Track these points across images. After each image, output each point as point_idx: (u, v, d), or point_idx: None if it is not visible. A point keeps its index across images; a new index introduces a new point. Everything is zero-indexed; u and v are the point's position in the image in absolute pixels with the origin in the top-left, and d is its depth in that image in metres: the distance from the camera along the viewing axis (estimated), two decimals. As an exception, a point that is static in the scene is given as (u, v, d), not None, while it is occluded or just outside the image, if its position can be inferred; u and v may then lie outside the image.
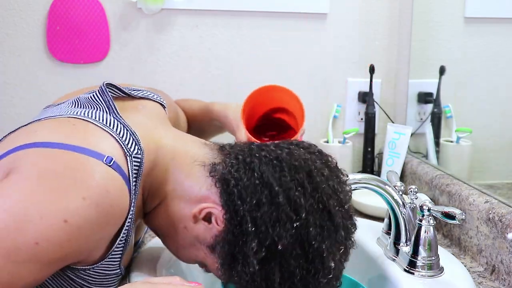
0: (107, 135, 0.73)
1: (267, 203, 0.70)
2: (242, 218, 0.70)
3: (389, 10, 1.45)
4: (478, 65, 1.28)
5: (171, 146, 0.80)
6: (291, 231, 0.69)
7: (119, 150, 0.72)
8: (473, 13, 1.30)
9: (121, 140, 0.73)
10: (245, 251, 0.70)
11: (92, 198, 0.65)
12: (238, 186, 0.72)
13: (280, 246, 0.68)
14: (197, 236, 0.76)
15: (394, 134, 1.35)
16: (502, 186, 1.13)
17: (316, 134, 1.47)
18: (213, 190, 0.74)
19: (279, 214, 0.69)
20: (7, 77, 1.37)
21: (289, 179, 0.71)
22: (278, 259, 0.69)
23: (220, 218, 0.73)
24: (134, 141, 0.75)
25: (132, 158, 0.73)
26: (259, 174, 0.72)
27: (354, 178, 0.86)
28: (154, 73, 1.41)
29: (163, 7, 1.37)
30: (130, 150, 0.73)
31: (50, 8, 1.34)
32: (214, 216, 0.74)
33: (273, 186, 0.70)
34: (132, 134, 0.76)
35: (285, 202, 0.70)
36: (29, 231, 0.62)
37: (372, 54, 1.46)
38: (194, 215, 0.75)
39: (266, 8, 1.41)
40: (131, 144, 0.74)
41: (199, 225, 0.75)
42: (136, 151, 0.74)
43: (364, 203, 1.20)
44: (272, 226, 0.69)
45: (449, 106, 1.32)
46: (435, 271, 0.84)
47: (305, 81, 1.45)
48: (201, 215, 0.75)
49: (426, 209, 0.83)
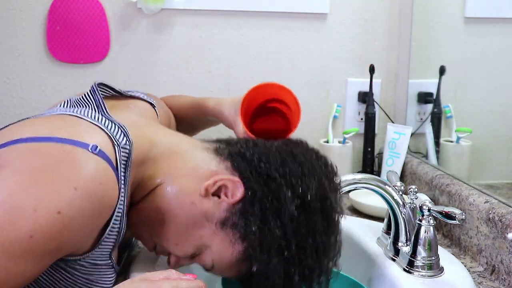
0: (95, 127, 0.74)
1: (290, 162, 0.77)
2: (268, 177, 0.75)
3: (389, 10, 1.45)
4: (478, 65, 1.28)
5: (167, 139, 0.82)
6: (315, 184, 0.76)
7: (107, 140, 0.72)
8: (473, 13, 1.30)
9: (109, 132, 0.74)
10: (278, 206, 0.74)
11: (84, 189, 0.66)
12: (254, 155, 0.77)
13: (309, 197, 0.75)
14: (206, 212, 0.76)
15: (394, 134, 1.35)
16: (502, 186, 1.13)
17: (316, 134, 1.47)
18: (221, 167, 0.77)
19: (303, 168, 0.77)
20: (7, 77, 1.37)
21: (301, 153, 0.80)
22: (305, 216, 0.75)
23: (235, 190, 0.75)
24: (122, 132, 0.75)
25: (121, 149, 0.73)
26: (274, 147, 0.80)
27: (354, 178, 0.86)
28: (154, 73, 1.41)
29: (163, 7, 1.36)
30: (119, 140, 0.74)
31: (50, 8, 1.34)
32: (226, 188, 0.75)
33: (292, 151, 0.79)
34: (121, 127, 0.76)
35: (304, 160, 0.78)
36: (23, 225, 0.62)
37: (372, 54, 1.46)
38: (206, 188, 0.75)
39: (266, 8, 1.41)
40: (119, 135, 0.74)
41: (208, 200, 0.76)
42: (125, 142, 0.74)
43: (364, 203, 1.20)
44: (300, 179, 0.75)
45: (449, 106, 1.32)
46: (435, 271, 0.84)
47: (305, 81, 1.45)
48: (214, 188, 0.75)
49: (426, 209, 0.83)
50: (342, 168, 1.35)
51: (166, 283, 0.64)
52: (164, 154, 0.79)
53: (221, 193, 0.76)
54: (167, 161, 0.79)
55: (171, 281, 0.65)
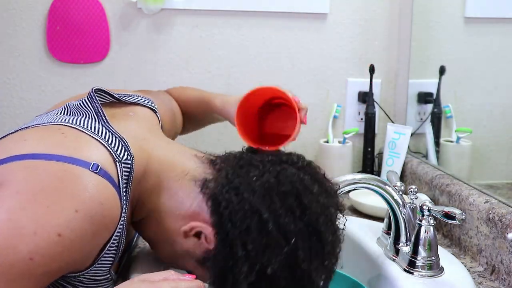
0: (95, 142, 0.73)
1: (257, 230, 0.70)
2: (232, 241, 0.71)
3: (389, 10, 1.45)
4: (478, 65, 1.28)
5: (162, 156, 0.80)
6: (281, 256, 0.70)
7: (107, 156, 0.72)
8: (473, 13, 1.30)
9: (110, 147, 0.73)
10: (235, 273, 0.70)
11: (85, 210, 0.65)
12: (227, 209, 0.72)
13: (270, 271, 0.69)
14: (187, 250, 0.77)
15: (394, 134, 1.35)
16: (502, 186, 1.13)
17: (316, 134, 1.47)
18: (203, 207, 0.75)
19: (269, 241, 0.70)
20: (7, 77, 1.37)
21: (278, 205, 0.71)
22: (268, 281, 0.70)
23: (210, 238, 0.74)
24: (123, 147, 0.75)
25: (122, 164, 0.73)
26: (248, 200, 0.72)
27: (354, 178, 0.86)
28: (154, 73, 1.41)
29: (163, 7, 1.36)
30: (120, 156, 0.73)
31: (50, 8, 1.34)
32: (204, 234, 0.75)
33: (262, 214, 0.71)
34: (121, 140, 0.75)
35: (274, 229, 0.70)
36: (23, 248, 0.61)
37: (372, 54, 1.46)
38: (185, 232, 0.76)
39: (266, 8, 1.41)
40: (120, 150, 0.74)
41: (189, 240, 0.76)
42: (126, 157, 0.74)
43: (364, 203, 1.20)
44: (262, 252, 0.69)
45: (449, 106, 1.32)
46: (435, 271, 0.84)
47: (305, 81, 1.45)
48: (191, 233, 0.76)
49: (426, 209, 0.83)
50: (342, 168, 1.37)
51: (165, 283, 0.65)
52: (159, 176, 0.78)
53: (202, 235, 0.75)
54: (158, 190, 0.78)
55: (170, 282, 0.65)
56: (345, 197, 1.29)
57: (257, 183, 0.74)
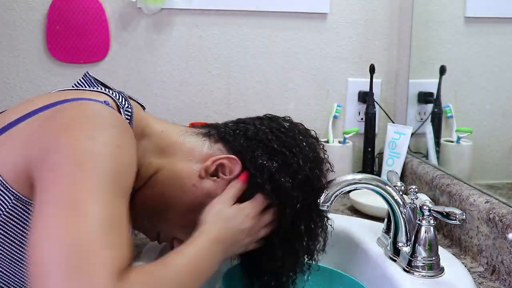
0: (97, 93, 0.76)
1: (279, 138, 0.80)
2: (261, 147, 0.79)
3: (389, 10, 1.45)
4: (479, 65, 1.28)
5: (159, 123, 0.83)
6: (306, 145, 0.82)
7: (111, 101, 0.75)
8: (473, 12, 1.30)
9: (111, 95, 0.76)
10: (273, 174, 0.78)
11: (118, 125, 0.68)
12: (243, 134, 0.81)
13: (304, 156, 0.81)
14: (208, 191, 0.79)
15: (394, 134, 1.34)
16: (503, 186, 1.13)
17: (316, 134, 1.47)
18: (215, 148, 0.81)
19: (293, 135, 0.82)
20: (7, 77, 1.37)
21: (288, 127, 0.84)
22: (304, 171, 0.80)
23: (233, 166, 0.79)
24: (123, 97, 0.78)
25: (125, 111, 0.76)
26: (261, 123, 0.83)
27: (354, 178, 0.86)
28: (154, 73, 1.41)
29: (163, 6, 1.36)
30: (122, 103, 0.76)
31: (49, 8, 1.34)
32: (224, 167, 0.79)
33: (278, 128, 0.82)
34: (121, 93, 0.79)
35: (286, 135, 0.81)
36: (106, 165, 0.62)
37: (372, 54, 1.46)
38: (206, 169, 0.79)
39: (266, 8, 1.41)
40: (120, 98, 0.77)
41: (207, 181, 0.79)
42: (127, 105, 0.77)
43: (364, 203, 1.20)
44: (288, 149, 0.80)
45: (449, 106, 1.32)
46: (435, 271, 0.84)
47: (305, 81, 1.45)
48: (212, 168, 0.79)
49: (427, 209, 0.83)
50: (342, 168, 1.36)
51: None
52: (158, 138, 0.81)
53: (219, 172, 0.79)
54: (162, 146, 0.81)
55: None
56: (345, 197, 1.29)
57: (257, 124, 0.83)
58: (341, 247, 1.03)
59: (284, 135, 0.82)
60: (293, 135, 0.82)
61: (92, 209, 0.58)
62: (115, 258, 0.56)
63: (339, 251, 1.04)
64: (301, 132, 0.85)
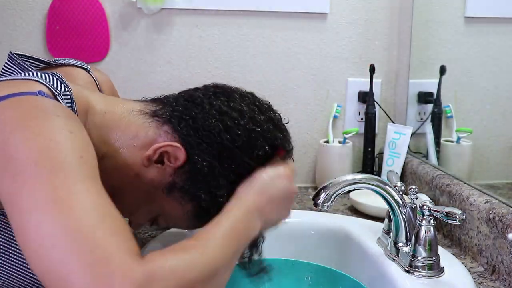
0: (31, 81, 0.70)
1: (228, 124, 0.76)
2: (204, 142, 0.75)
3: (389, 10, 1.45)
4: (479, 65, 1.28)
5: (102, 102, 0.78)
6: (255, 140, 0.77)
7: (47, 90, 0.69)
8: (473, 12, 1.30)
9: (45, 82, 0.70)
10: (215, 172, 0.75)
11: (62, 113, 0.65)
12: (191, 118, 0.76)
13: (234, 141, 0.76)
14: (152, 180, 0.76)
15: (394, 134, 1.34)
16: (503, 186, 1.13)
17: (316, 134, 1.47)
18: (161, 131, 0.76)
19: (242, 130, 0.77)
20: (6, 77, 1.37)
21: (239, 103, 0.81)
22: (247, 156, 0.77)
23: (177, 154, 0.74)
24: (58, 79, 0.73)
25: (62, 96, 0.71)
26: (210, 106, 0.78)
27: (354, 178, 0.86)
28: (154, 73, 1.41)
29: (163, 6, 1.36)
30: (58, 89, 0.71)
31: (49, 8, 1.34)
32: (168, 154, 0.75)
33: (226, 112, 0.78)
34: (54, 74, 0.73)
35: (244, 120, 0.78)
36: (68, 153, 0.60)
37: (372, 54, 1.46)
38: (148, 157, 0.75)
39: (266, 8, 1.41)
40: (56, 83, 0.72)
41: (152, 169, 0.75)
42: (64, 89, 0.72)
43: (364, 203, 1.20)
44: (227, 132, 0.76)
45: (449, 106, 1.32)
46: (435, 271, 0.84)
47: (305, 81, 1.45)
48: (155, 157, 0.75)
49: (427, 209, 0.83)
50: (342, 168, 1.37)
51: None
52: (101, 121, 0.76)
53: (164, 159, 0.75)
54: (105, 130, 0.76)
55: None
56: (345, 197, 1.29)
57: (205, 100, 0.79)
58: (341, 247, 1.03)
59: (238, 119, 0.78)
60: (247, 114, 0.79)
61: (77, 202, 0.56)
62: (125, 241, 0.55)
63: (339, 251, 1.04)
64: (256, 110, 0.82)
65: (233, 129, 0.76)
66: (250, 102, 0.82)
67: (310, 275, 1.06)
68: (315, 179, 1.46)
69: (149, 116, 0.77)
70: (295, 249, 1.06)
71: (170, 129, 0.76)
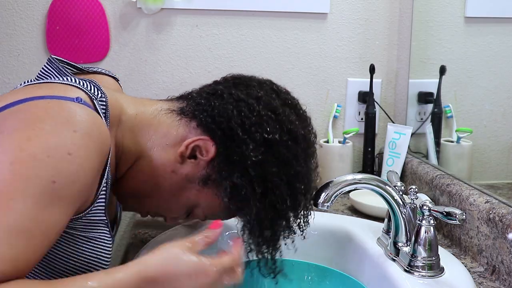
0: (70, 86, 0.74)
1: (248, 111, 0.79)
2: (232, 131, 0.78)
3: (389, 10, 1.45)
4: (479, 65, 1.28)
5: (132, 105, 0.82)
6: (275, 124, 0.79)
7: (84, 95, 0.73)
8: (473, 12, 1.30)
9: (83, 87, 0.74)
10: (244, 157, 0.77)
11: (82, 130, 0.67)
12: (215, 110, 0.79)
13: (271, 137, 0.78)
14: (187, 175, 0.79)
15: (394, 134, 1.34)
16: (503, 186, 1.13)
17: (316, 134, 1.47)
18: (190, 127, 0.80)
19: (261, 116, 0.79)
20: (7, 77, 1.37)
21: (257, 90, 0.83)
22: (273, 150, 0.79)
23: (207, 147, 0.78)
24: (95, 86, 0.76)
25: (99, 101, 0.74)
26: (230, 96, 0.81)
27: (354, 178, 0.86)
28: (154, 73, 1.41)
29: (163, 6, 1.36)
30: (95, 94, 0.74)
31: (49, 8, 1.34)
32: (200, 148, 0.78)
33: (246, 100, 0.80)
34: (91, 82, 0.77)
35: (261, 105, 0.80)
36: (43, 173, 0.62)
37: (372, 54, 1.46)
38: (181, 154, 0.79)
39: (266, 8, 1.41)
40: (93, 89, 0.75)
41: (186, 164, 0.79)
42: (100, 95, 0.75)
43: (364, 203, 1.20)
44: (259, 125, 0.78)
45: (449, 106, 1.32)
46: (435, 271, 0.84)
47: (305, 81, 1.45)
48: (187, 152, 0.78)
49: (427, 209, 0.83)
50: (342, 168, 1.37)
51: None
52: (133, 123, 0.80)
53: (197, 153, 0.79)
54: (137, 131, 0.80)
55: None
56: (345, 197, 1.29)
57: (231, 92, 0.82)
58: (341, 247, 1.03)
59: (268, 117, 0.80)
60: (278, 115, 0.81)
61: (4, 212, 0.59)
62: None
63: (339, 251, 1.04)
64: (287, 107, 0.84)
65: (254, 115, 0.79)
66: (268, 88, 0.86)
67: (310, 275, 1.06)
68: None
69: (177, 114, 0.81)
70: (295, 249, 1.06)
71: (198, 124, 0.80)
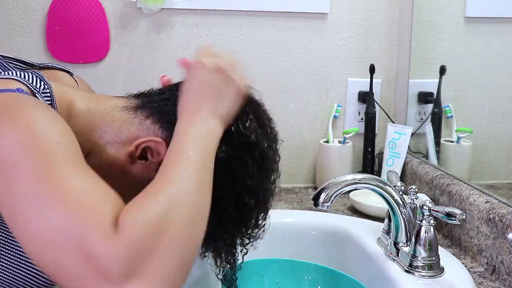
0: (9, 80, 0.69)
1: None
2: None
3: (389, 10, 1.45)
4: (479, 65, 1.28)
5: (85, 99, 0.77)
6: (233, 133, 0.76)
7: (25, 88, 0.68)
8: (473, 12, 1.30)
9: (24, 80, 0.69)
10: None
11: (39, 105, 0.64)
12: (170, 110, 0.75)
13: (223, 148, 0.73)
14: (136, 176, 0.75)
15: (394, 134, 1.34)
16: (503, 186, 1.13)
17: (316, 134, 1.47)
18: (143, 126, 0.75)
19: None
20: (6, 77, 1.37)
21: None
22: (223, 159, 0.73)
23: (159, 149, 0.73)
24: (37, 77, 0.71)
25: (41, 94, 0.70)
26: None
27: (354, 178, 0.86)
28: (154, 73, 1.41)
29: (163, 6, 1.36)
30: (37, 87, 0.70)
31: (49, 8, 1.34)
32: (151, 149, 0.74)
33: None
34: (34, 73, 0.72)
35: None
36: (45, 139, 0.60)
37: (372, 54, 1.46)
38: (130, 154, 0.74)
39: (266, 8, 1.41)
40: (35, 81, 0.70)
41: (136, 165, 0.74)
42: (43, 87, 0.70)
43: (364, 203, 1.20)
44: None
45: (449, 106, 1.32)
46: (435, 271, 0.84)
47: (305, 81, 1.45)
48: (137, 153, 0.74)
49: (427, 209, 0.83)
50: (342, 168, 1.37)
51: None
52: (83, 118, 0.75)
53: (148, 154, 0.74)
54: (88, 127, 0.75)
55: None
56: (345, 197, 1.29)
57: None
58: (341, 247, 1.03)
59: None
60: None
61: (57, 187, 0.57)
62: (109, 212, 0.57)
63: (339, 251, 1.04)
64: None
65: None
66: None
67: (310, 275, 1.06)
68: (315, 179, 1.46)
69: (132, 111, 0.76)
70: (295, 249, 1.06)
71: (153, 124, 0.75)
